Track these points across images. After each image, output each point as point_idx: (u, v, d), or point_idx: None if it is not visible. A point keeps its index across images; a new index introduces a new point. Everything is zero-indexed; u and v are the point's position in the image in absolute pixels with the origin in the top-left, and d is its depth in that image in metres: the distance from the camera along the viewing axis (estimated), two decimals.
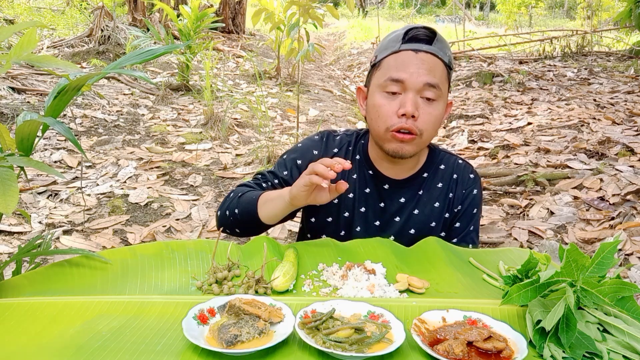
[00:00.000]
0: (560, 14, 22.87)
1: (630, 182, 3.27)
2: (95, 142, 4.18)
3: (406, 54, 1.26)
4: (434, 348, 0.87)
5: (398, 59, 1.27)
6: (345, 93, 7.30)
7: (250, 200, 1.31)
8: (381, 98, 1.28)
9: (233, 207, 1.34)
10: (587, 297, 0.92)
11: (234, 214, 1.33)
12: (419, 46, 1.26)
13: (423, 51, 1.26)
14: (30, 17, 8.89)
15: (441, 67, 1.28)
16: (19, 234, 2.75)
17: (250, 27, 10.31)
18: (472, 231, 1.43)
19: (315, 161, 1.24)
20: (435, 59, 1.27)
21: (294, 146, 1.47)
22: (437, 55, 1.27)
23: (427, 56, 1.26)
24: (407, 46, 1.27)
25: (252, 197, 1.31)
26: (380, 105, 1.28)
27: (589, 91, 6.00)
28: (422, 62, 1.25)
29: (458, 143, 4.66)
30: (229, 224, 1.36)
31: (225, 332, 0.88)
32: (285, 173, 1.41)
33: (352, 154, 1.43)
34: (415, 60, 1.25)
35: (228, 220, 1.35)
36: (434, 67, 1.26)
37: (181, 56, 5.78)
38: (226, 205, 1.36)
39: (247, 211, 1.31)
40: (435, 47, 1.27)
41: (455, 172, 1.43)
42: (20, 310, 0.99)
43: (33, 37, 1.11)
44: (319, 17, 4.35)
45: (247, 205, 1.31)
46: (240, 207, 1.32)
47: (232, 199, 1.36)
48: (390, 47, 1.29)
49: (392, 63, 1.28)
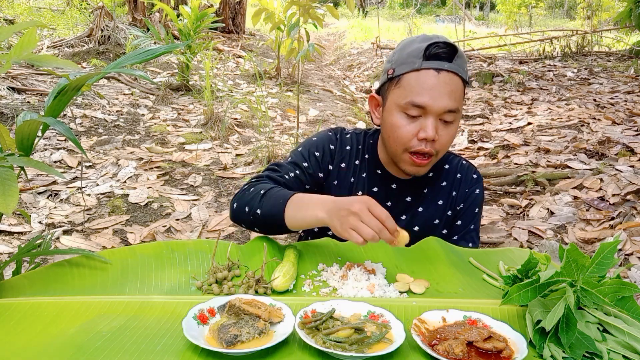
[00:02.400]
0: (560, 14, 22.87)
1: (630, 182, 3.27)
2: (95, 142, 4.18)
3: (427, 74, 1.23)
4: (434, 348, 0.87)
5: (419, 79, 1.24)
6: (345, 93, 7.30)
7: (275, 204, 1.23)
8: (401, 119, 1.27)
9: (255, 207, 1.26)
10: (587, 297, 0.92)
11: (256, 213, 1.26)
12: (441, 64, 1.23)
13: (445, 70, 1.23)
14: (30, 17, 8.89)
15: (461, 86, 1.26)
16: (19, 234, 2.75)
17: (250, 27, 10.31)
18: (473, 230, 1.44)
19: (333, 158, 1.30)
20: (455, 79, 1.24)
21: (308, 140, 1.46)
22: (457, 74, 1.24)
23: (449, 76, 1.23)
24: (428, 64, 1.23)
25: (278, 201, 1.23)
26: (400, 126, 1.28)
27: (589, 91, 6.01)
28: (445, 85, 1.23)
29: (458, 143, 4.66)
30: (247, 222, 1.29)
31: (225, 332, 0.88)
32: (305, 164, 1.40)
33: (362, 152, 1.45)
34: (437, 83, 1.23)
35: (248, 217, 1.28)
36: (455, 88, 1.24)
37: (181, 56, 5.78)
38: (245, 200, 1.29)
39: (271, 214, 1.23)
40: (456, 65, 1.24)
41: (459, 172, 1.46)
42: (20, 310, 0.99)
43: (33, 37, 1.11)
44: (319, 17, 4.34)
45: (271, 208, 1.23)
46: (263, 209, 1.25)
47: (254, 194, 1.27)
48: (410, 63, 1.25)
49: (413, 83, 1.25)
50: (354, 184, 1.43)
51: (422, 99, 1.23)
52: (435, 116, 1.25)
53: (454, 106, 1.24)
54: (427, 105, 1.23)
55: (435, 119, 1.25)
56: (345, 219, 1.09)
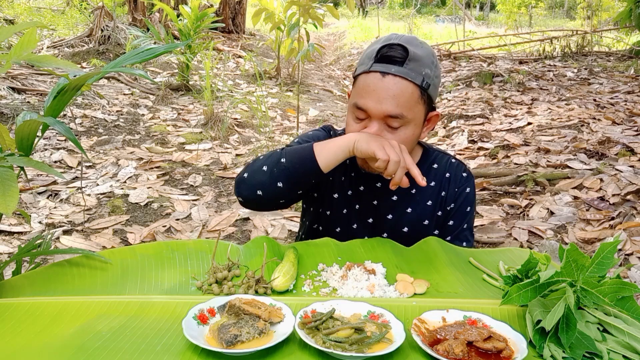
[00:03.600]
0: (560, 14, 22.87)
1: (630, 182, 3.27)
2: (95, 142, 4.18)
3: (373, 77, 1.21)
4: (434, 348, 0.87)
5: (366, 81, 1.22)
6: (345, 93, 7.30)
7: (300, 150, 1.21)
8: (351, 119, 1.29)
9: (276, 160, 1.21)
10: (587, 297, 0.92)
11: (280, 164, 1.20)
12: (388, 68, 1.20)
13: (391, 74, 1.19)
14: (30, 17, 8.89)
15: (410, 91, 1.20)
16: (19, 234, 2.75)
17: (250, 27, 10.31)
18: (466, 229, 1.43)
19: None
20: (403, 83, 1.19)
21: (303, 135, 1.47)
22: (406, 78, 1.19)
23: (394, 80, 1.19)
24: (376, 67, 1.21)
25: (302, 147, 1.21)
26: (349, 126, 1.30)
27: (589, 91, 6.01)
28: (387, 89, 1.19)
29: (458, 143, 4.66)
30: (266, 182, 1.21)
31: (225, 332, 0.88)
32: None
33: None
34: (381, 86, 1.20)
35: (266, 175, 1.21)
36: (399, 93, 1.19)
37: (181, 56, 5.78)
38: (260, 163, 1.23)
39: (299, 157, 1.20)
40: (406, 69, 1.19)
41: (448, 171, 1.43)
42: (20, 310, 0.99)
43: (33, 37, 1.11)
44: (319, 17, 4.35)
45: (298, 152, 1.21)
46: (288, 157, 1.21)
47: (269, 155, 1.23)
48: (365, 64, 1.24)
49: (360, 85, 1.24)
50: (345, 182, 1.43)
51: (364, 102, 1.22)
52: (377, 120, 1.23)
53: (396, 112, 1.20)
54: (368, 109, 1.22)
55: (379, 122, 1.23)
56: (372, 138, 1.17)
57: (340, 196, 1.43)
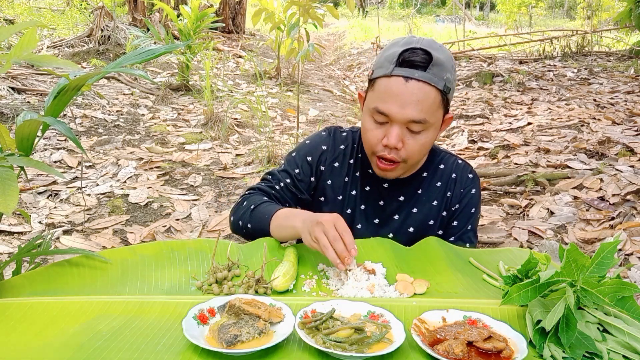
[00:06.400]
0: (560, 14, 22.87)
1: (630, 182, 3.27)
2: (95, 142, 4.18)
3: (396, 82, 1.20)
4: (434, 348, 0.87)
5: (388, 85, 1.22)
6: (345, 93, 7.30)
7: (262, 219, 1.31)
8: (369, 122, 1.28)
9: (246, 221, 1.35)
10: (587, 297, 0.92)
11: (247, 227, 1.35)
12: (411, 73, 1.19)
13: (414, 79, 1.19)
14: (30, 17, 8.88)
15: (432, 96, 1.21)
16: (19, 234, 2.75)
17: (250, 27, 10.31)
18: (470, 230, 1.43)
19: (325, 159, 1.36)
20: (426, 88, 1.20)
21: (302, 143, 1.48)
22: (429, 83, 1.19)
23: (418, 85, 1.19)
24: (399, 71, 1.20)
25: (264, 216, 1.31)
26: (368, 130, 1.29)
27: (589, 91, 6.01)
28: (411, 94, 1.19)
29: (458, 143, 4.66)
30: (242, 234, 1.39)
31: (225, 332, 0.88)
32: (297, 171, 1.42)
33: (356, 151, 1.45)
34: (404, 91, 1.19)
35: (242, 230, 1.38)
36: (423, 98, 1.20)
37: (181, 56, 5.78)
38: (239, 215, 1.38)
39: (259, 228, 1.32)
40: (429, 74, 1.19)
41: (454, 172, 1.44)
42: (20, 310, 0.99)
43: (33, 37, 1.11)
44: (319, 17, 4.34)
45: (259, 223, 1.32)
46: (252, 223, 1.33)
47: (245, 209, 1.36)
48: (384, 68, 1.23)
49: (382, 89, 1.23)
50: (348, 183, 1.43)
51: (387, 106, 1.22)
52: (400, 125, 1.23)
53: (420, 117, 1.21)
54: (391, 114, 1.22)
55: (401, 127, 1.23)
56: (312, 229, 1.15)
57: (344, 197, 1.43)
